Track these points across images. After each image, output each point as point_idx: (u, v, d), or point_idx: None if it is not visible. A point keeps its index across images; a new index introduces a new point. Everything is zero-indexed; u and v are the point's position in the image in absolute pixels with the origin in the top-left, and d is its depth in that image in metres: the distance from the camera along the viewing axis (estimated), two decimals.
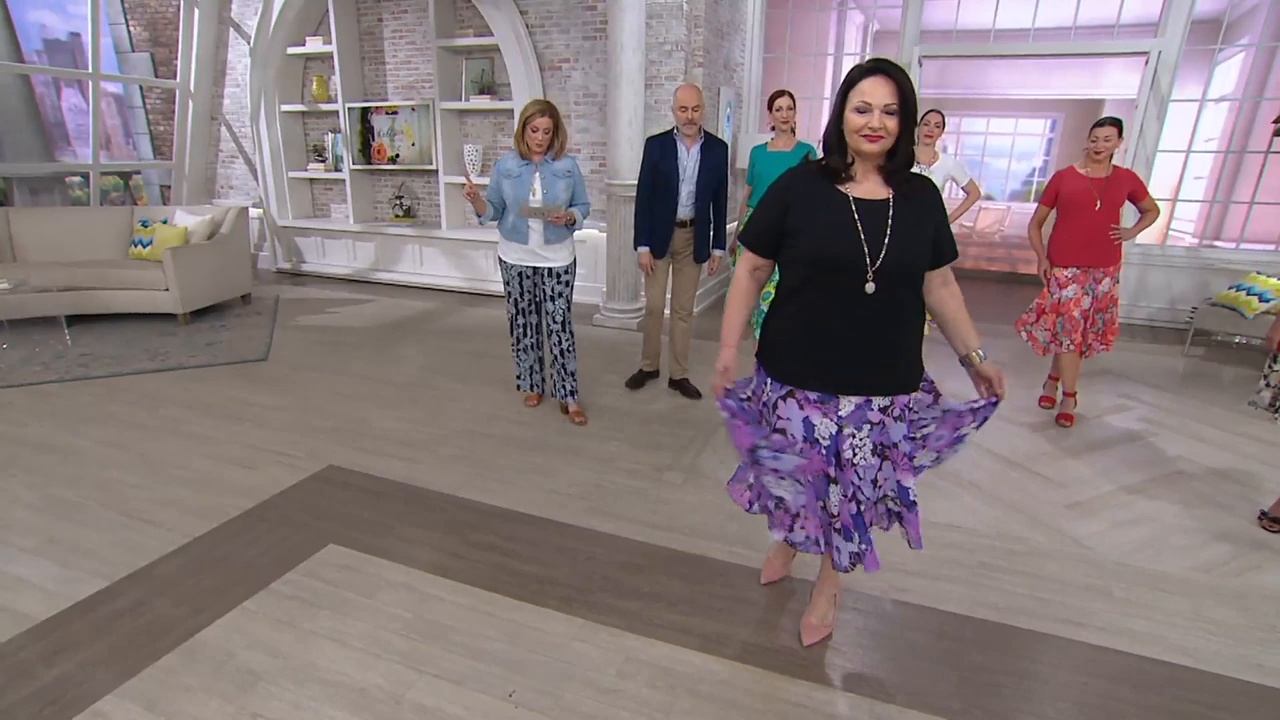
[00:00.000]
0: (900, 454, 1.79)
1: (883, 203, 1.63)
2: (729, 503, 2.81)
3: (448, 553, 2.51)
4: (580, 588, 2.32)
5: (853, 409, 1.73)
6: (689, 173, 3.64)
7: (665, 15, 5.28)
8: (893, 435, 1.78)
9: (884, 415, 1.76)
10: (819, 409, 1.74)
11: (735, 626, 2.15)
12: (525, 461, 3.25)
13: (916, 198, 1.66)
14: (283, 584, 2.30)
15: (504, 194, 3.39)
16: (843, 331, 1.67)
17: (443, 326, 5.56)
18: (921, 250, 1.67)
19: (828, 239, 1.63)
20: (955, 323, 1.83)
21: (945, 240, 1.74)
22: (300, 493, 2.92)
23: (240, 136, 7.45)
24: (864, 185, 1.66)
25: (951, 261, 1.79)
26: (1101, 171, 3.54)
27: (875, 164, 1.64)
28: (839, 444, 1.76)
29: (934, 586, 2.36)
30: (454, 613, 2.19)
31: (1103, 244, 3.59)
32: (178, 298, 5.20)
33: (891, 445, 1.79)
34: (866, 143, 1.58)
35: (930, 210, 1.69)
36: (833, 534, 1.86)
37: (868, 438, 1.75)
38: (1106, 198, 3.51)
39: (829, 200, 1.65)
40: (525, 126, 3.25)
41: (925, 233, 1.67)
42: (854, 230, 1.62)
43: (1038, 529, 2.74)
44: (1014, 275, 8.11)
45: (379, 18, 6.65)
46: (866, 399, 1.72)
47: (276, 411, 3.76)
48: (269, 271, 7.60)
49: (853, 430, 1.74)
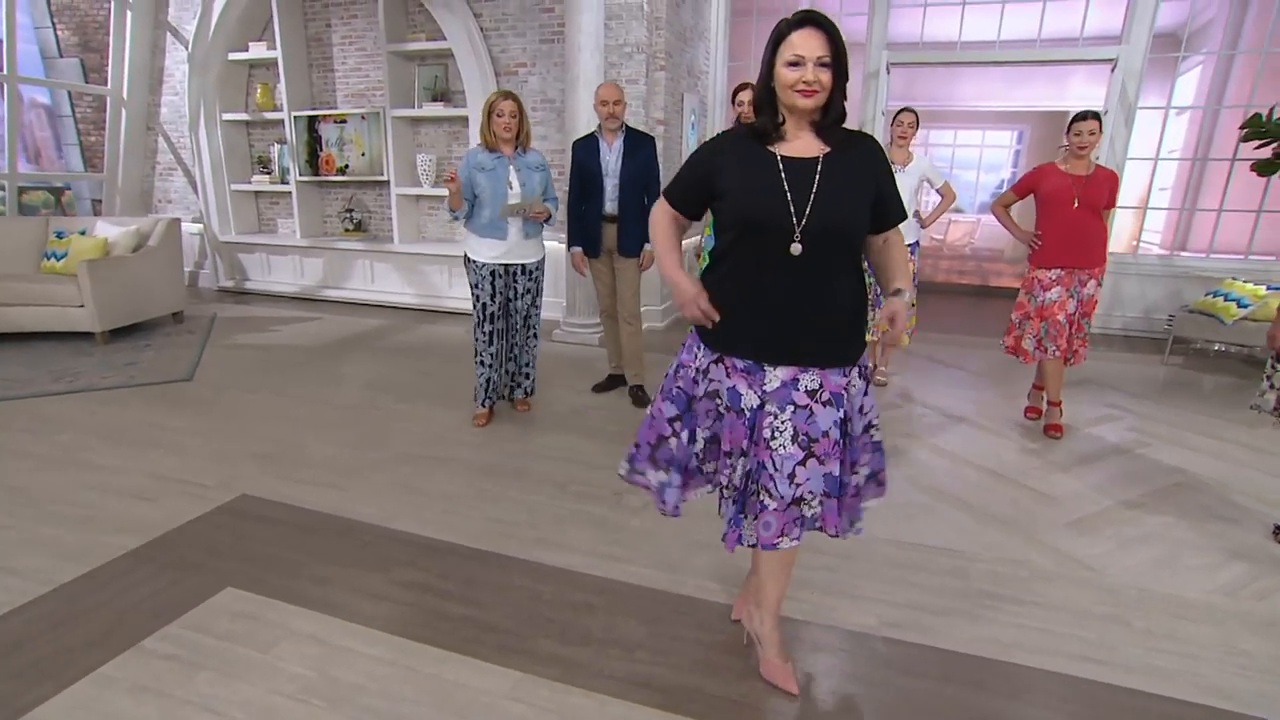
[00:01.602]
0: (830, 442, 1.60)
1: (812, 160, 1.54)
2: (696, 530, 2.50)
3: (368, 594, 2.14)
4: (520, 633, 1.97)
5: (778, 385, 1.60)
6: (612, 167, 3.66)
7: (625, 16, 5.07)
8: (821, 423, 1.60)
9: (811, 400, 1.59)
10: (744, 378, 1.63)
11: (702, 677, 1.82)
12: (470, 487, 2.89)
13: (853, 154, 1.56)
14: (158, 640, 1.90)
15: (478, 189, 3.27)
16: (771, 297, 1.57)
17: (392, 344, 5.19)
18: (855, 211, 1.55)
19: (752, 199, 1.55)
20: (889, 266, 1.68)
21: (889, 200, 1.61)
22: (202, 527, 2.52)
23: (179, 147, 7.03)
24: (795, 144, 1.56)
25: (900, 223, 1.66)
26: (1082, 169, 3.37)
27: (808, 120, 1.55)
28: (759, 420, 1.62)
29: (930, 621, 2.06)
30: (368, 669, 1.82)
31: (1084, 243, 3.40)
32: (94, 314, 4.74)
33: (820, 435, 1.60)
34: (801, 98, 1.49)
35: (868, 167, 1.57)
36: (722, 501, 1.74)
37: (789, 421, 1.59)
38: (1085, 196, 3.34)
39: (757, 160, 1.56)
40: (490, 114, 3.23)
41: (860, 192, 1.55)
42: (780, 190, 1.52)
43: (1037, 549, 2.47)
44: (985, 288, 8.02)
45: (327, 23, 6.34)
46: (793, 378, 1.59)
47: (194, 436, 3.35)
48: (210, 290, 7.14)
49: (775, 410, 1.59)
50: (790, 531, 1.66)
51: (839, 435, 1.64)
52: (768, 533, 1.67)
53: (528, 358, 3.67)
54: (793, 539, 1.66)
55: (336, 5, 6.26)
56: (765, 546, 1.68)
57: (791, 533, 1.66)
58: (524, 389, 3.74)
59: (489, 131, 3.26)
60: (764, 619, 1.82)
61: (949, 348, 5.33)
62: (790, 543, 1.66)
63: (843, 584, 2.24)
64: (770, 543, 1.66)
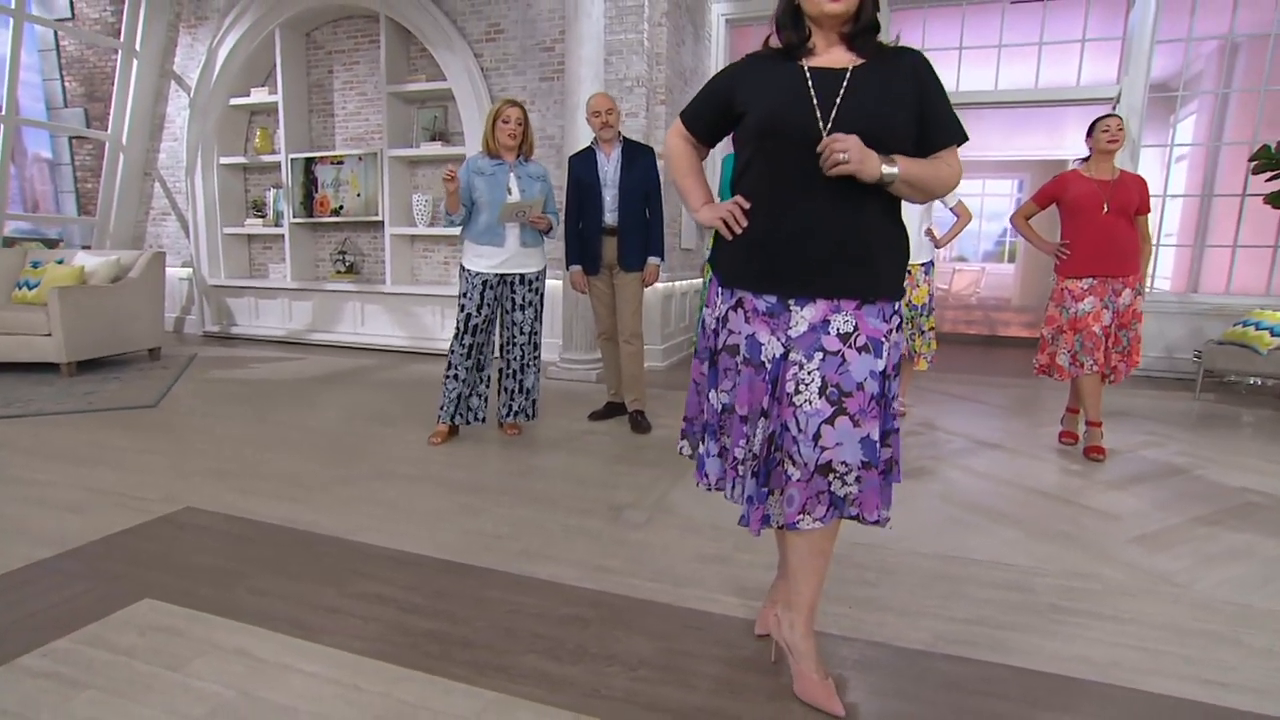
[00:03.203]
0: (866, 398, 1.34)
1: (841, 70, 1.36)
2: (709, 543, 2.15)
3: (317, 607, 1.77)
4: (498, 648, 1.60)
5: (805, 329, 1.37)
6: (610, 178, 3.51)
7: (625, 51, 5.07)
8: (854, 373, 1.34)
9: (844, 345, 1.35)
10: (766, 323, 1.41)
11: (723, 698, 1.44)
12: (450, 502, 2.54)
13: (890, 64, 1.38)
14: (40, 656, 1.52)
15: (476, 193, 3.13)
16: (795, 218, 1.37)
17: (377, 379, 4.89)
18: (889, 121, 1.35)
19: (774, 105, 1.38)
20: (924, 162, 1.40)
21: (939, 117, 1.39)
22: (131, 538, 2.16)
23: (174, 192, 6.96)
24: (824, 57, 1.39)
25: (959, 144, 1.42)
26: (1108, 174, 3.20)
27: (838, 31, 1.39)
28: (782, 372, 1.38)
29: (1001, 636, 1.69)
30: (302, 688, 1.44)
31: (1116, 250, 3.19)
32: (60, 343, 4.46)
33: (854, 388, 1.33)
34: (829, 3, 1.34)
35: (907, 79, 1.37)
36: (736, 477, 1.46)
37: (817, 371, 1.35)
38: (1114, 200, 3.15)
39: (782, 74, 1.40)
40: (496, 120, 3.13)
41: (896, 104, 1.36)
42: (805, 97, 1.35)
43: (1108, 564, 2.11)
44: (993, 338, 7.80)
45: (329, 69, 6.40)
46: (823, 319, 1.36)
47: (145, 455, 3.01)
48: (194, 335, 6.89)
49: (801, 359, 1.36)
50: (814, 509, 1.36)
51: (877, 391, 1.36)
52: (790, 508, 1.37)
53: (531, 378, 3.37)
54: (816, 518, 1.36)
55: (339, 52, 6.32)
56: (787, 525, 1.39)
57: (815, 510, 1.36)
58: (524, 412, 3.41)
59: (492, 138, 3.15)
60: (795, 623, 1.46)
61: (966, 385, 5.05)
62: (812, 523, 1.36)
63: (884, 598, 1.87)
64: (791, 520, 1.37)
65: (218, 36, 6.34)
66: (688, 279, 6.10)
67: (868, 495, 1.37)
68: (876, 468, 1.37)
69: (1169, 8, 5.33)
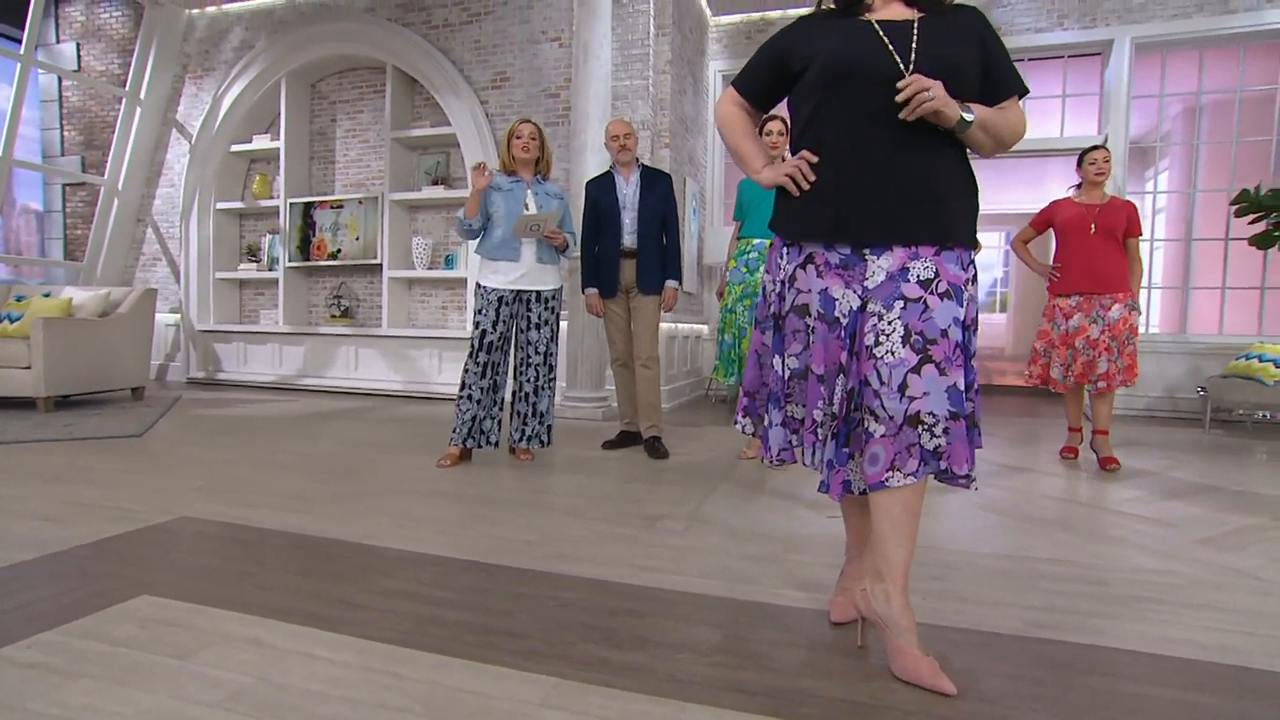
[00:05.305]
0: (951, 345, 1.28)
1: (908, 22, 1.36)
2: (756, 546, 2.01)
3: (335, 601, 1.58)
4: (550, 639, 1.42)
5: (883, 278, 1.32)
6: (629, 200, 3.51)
7: (631, 96, 5.21)
8: (939, 320, 1.28)
9: (925, 291, 1.29)
10: (840, 276, 1.36)
11: (813, 680, 1.28)
12: (466, 513, 2.37)
13: (952, 17, 1.38)
14: (25, 647, 1.32)
15: (493, 207, 3.11)
16: (870, 166, 1.33)
17: (374, 417, 4.70)
18: (964, 67, 1.34)
19: (848, 53, 1.34)
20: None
21: (1002, 68, 1.39)
22: (122, 543, 1.95)
23: (167, 237, 6.87)
24: (884, 11, 1.39)
25: (1021, 95, 1.42)
26: (1097, 199, 3.40)
27: None
28: (860, 325, 1.33)
29: (1095, 624, 1.55)
30: (329, 674, 1.25)
31: (1102, 270, 3.35)
32: (40, 376, 4.23)
33: (939, 335, 1.27)
34: None
35: (971, 30, 1.38)
36: (812, 438, 1.39)
37: (899, 320, 1.29)
38: (1101, 222, 3.35)
39: (846, 27, 1.38)
40: (510, 137, 3.18)
41: (966, 53, 1.35)
42: (881, 45, 1.33)
43: (1179, 562, 1.99)
44: (988, 386, 7.81)
45: (333, 118, 6.48)
46: (901, 267, 1.31)
47: (130, 474, 2.79)
48: (178, 382, 6.65)
49: (880, 309, 1.30)
50: (904, 464, 1.26)
51: (961, 338, 1.30)
52: (875, 468, 1.28)
53: (545, 401, 3.23)
54: (907, 473, 1.27)
55: (344, 102, 6.43)
56: (872, 486, 1.29)
57: (905, 465, 1.27)
58: (538, 437, 3.24)
59: (508, 155, 3.18)
60: (891, 593, 1.32)
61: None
62: (902, 479, 1.27)
63: (957, 590, 1.73)
64: (878, 479, 1.27)
65: (223, 85, 6.42)
66: (689, 323, 6.07)
67: (956, 448, 1.28)
68: (964, 418, 1.28)
69: (1140, 71, 5.65)
